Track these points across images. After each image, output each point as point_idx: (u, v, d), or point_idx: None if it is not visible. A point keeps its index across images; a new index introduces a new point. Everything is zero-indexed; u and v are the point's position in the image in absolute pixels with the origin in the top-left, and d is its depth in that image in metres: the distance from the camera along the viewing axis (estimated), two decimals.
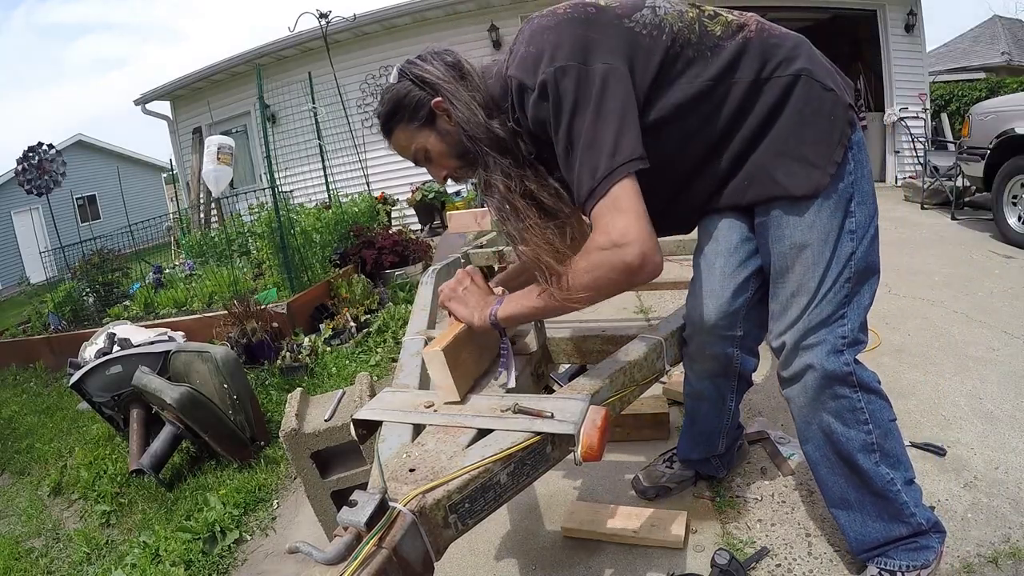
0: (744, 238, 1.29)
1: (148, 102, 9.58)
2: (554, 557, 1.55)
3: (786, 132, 1.15)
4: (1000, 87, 9.36)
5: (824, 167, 1.14)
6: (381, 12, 7.77)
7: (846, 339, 1.19)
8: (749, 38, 1.16)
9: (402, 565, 0.81)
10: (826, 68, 1.18)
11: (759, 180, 1.19)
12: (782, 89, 1.14)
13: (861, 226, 1.18)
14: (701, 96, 1.15)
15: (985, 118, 4.43)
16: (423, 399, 1.18)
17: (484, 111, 1.14)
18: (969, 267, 3.65)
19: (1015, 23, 15.43)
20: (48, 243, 9.20)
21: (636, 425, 2.04)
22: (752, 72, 1.15)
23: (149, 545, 1.97)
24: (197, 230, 7.45)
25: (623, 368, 1.23)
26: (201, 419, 2.35)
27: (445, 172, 1.25)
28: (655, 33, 1.14)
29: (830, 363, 1.18)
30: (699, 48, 1.15)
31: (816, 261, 1.18)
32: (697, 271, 1.36)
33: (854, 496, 1.25)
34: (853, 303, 1.19)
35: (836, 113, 1.14)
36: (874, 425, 1.21)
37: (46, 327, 5.22)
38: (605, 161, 1.01)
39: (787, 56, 1.16)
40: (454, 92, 1.14)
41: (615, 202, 1.01)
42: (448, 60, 1.18)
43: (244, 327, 3.62)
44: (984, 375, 2.19)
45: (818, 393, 1.21)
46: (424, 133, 1.19)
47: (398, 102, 1.17)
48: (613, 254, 1.00)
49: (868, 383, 1.21)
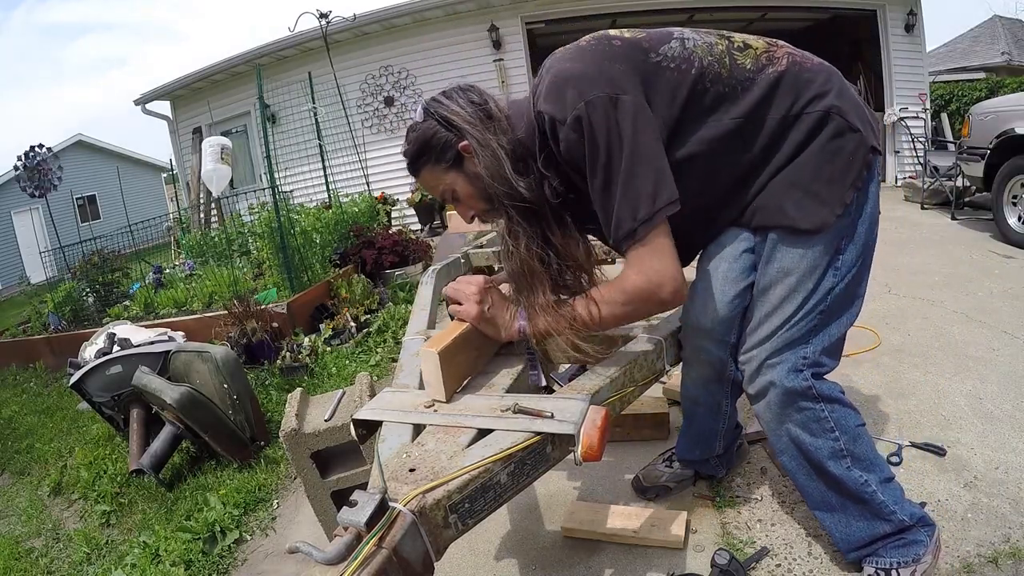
0: (748, 248, 1.29)
1: (148, 102, 9.58)
2: (554, 557, 1.55)
3: (804, 166, 1.16)
4: (1000, 87, 9.36)
5: (832, 206, 1.15)
6: (381, 12, 7.76)
7: (807, 360, 1.22)
8: (781, 72, 1.16)
9: (402, 565, 0.81)
10: (855, 104, 1.18)
11: (768, 207, 1.20)
12: (811, 125, 1.15)
13: (846, 265, 1.20)
14: (731, 133, 1.16)
15: (985, 118, 4.43)
16: (423, 399, 1.18)
17: (511, 161, 1.14)
18: (969, 267, 3.65)
19: (1015, 23, 15.43)
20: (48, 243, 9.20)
21: (636, 425, 2.04)
22: (783, 109, 1.15)
23: (149, 545, 1.98)
24: (197, 230, 7.44)
25: (623, 368, 1.23)
26: (201, 419, 2.35)
27: (473, 213, 1.26)
28: (684, 67, 1.14)
29: (789, 380, 1.22)
30: (729, 83, 1.15)
31: (796, 289, 1.20)
32: (700, 274, 1.36)
33: (835, 499, 1.27)
34: (821, 333, 1.22)
35: (857, 155, 1.15)
36: (840, 432, 1.23)
37: (46, 327, 5.22)
38: (645, 206, 1.06)
39: (819, 92, 1.15)
40: (480, 137, 1.13)
41: (653, 245, 1.08)
42: (474, 99, 1.17)
43: (244, 327, 3.62)
44: (984, 375, 2.19)
45: (782, 407, 1.24)
46: (451, 175, 1.19)
47: (425, 143, 1.18)
48: (650, 294, 1.10)
49: (829, 394, 1.24)
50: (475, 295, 1.20)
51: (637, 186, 1.06)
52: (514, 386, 1.22)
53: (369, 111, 8.24)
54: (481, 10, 7.81)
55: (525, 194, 1.14)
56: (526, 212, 1.17)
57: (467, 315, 1.20)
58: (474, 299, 1.20)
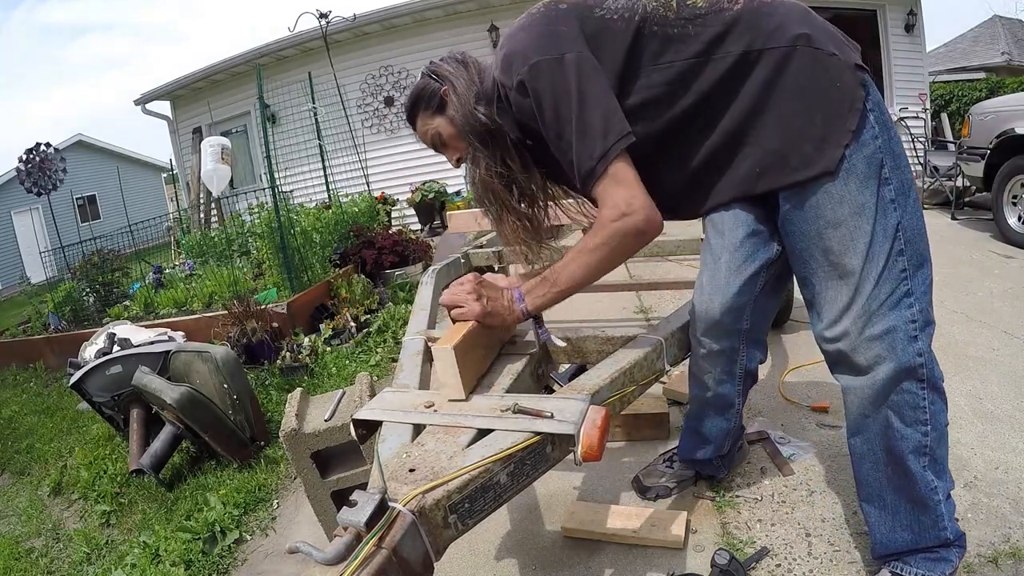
0: (751, 232, 1.27)
1: (148, 102, 9.58)
2: (554, 557, 1.55)
3: (791, 110, 1.10)
4: (1000, 87, 9.36)
5: (836, 139, 1.07)
6: (381, 12, 7.77)
7: (916, 322, 1.10)
8: (738, 8, 1.13)
9: (402, 565, 0.81)
10: (825, 29, 1.13)
11: (771, 167, 1.14)
12: (776, 62, 1.10)
13: (901, 193, 1.09)
14: (686, 74, 1.14)
15: (985, 118, 4.43)
16: (423, 399, 1.18)
17: (475, 97, 1.24)
18: (969, 267, 3.65)
19: (1015, 23, 15.43)
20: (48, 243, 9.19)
21: (636, 425, 2.04)
22: (741, 45, 1.11)
23: (149, 545, 1.97)
24: (197, 230, 7.45)
25: (623, 368, 1.23)
26: (201, 419, 2.35)
27: (457, 155, 1.34)
28: (627, 15, 1.16)
29: (904, 354, 1.09)
30: (677, 24, 1.14)
31: (854, 237, 1.09)
32: (704, 266, 1.35)
33: (891, 498, 1.20)
34: (917, 277, 1.10)
35: (843, 78, 1.08)
36: (932, 427, 1.15)
37: (46, 327, 5.22)
38: (599, 144, 1.09)
39: (780, 24, 1.11)
40: (455, 81, 1.26)
41: (615, 178, 1.10)
42: (458, 57, 1.32)
43: (244, 327, 3.62)
44: (984, 375, 2.19)
45: (886, 386, 1.12)
46: (436, 119, 1.30)
47: (418, 94, 1.32)
48: (623, 223, 1.10)
49: (936, 381, 1.15)
50: (471, 294, 1.23)
51: (589, 130, 1.10)
52: (514, 386, 1.22)
53: (369, 111, 8.25)
54: (481, 10, 7.81)
55: (483, 118, 1.23)
56: (484, 137, 1.25)
57: (470, 314, 1.22)
58: (471, 298, 1.23)
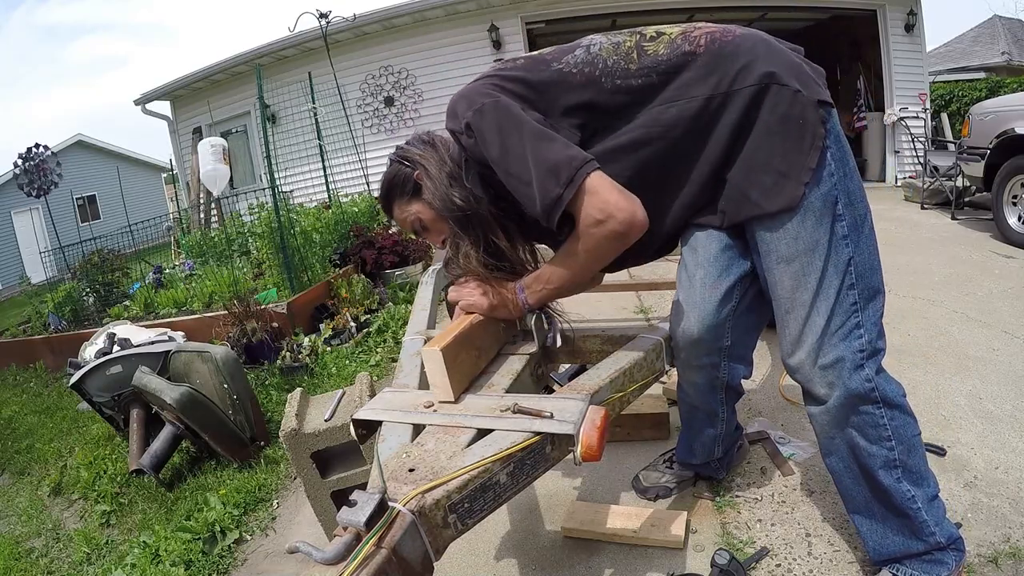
0: (724, 246, 1.27)
1: (148, 102, 9.58)
2: (554, 557, 1.55)
3: (754, 146, 1.12)
4: (1000, 87, 9.35)
5: (797, 176, 1.09)
6: (381, 12, 7.77)
7: (864, 352, 1.15)
8: (697, 52, 1.13)
9: (402, 565, 0.81)
10: (789, 63, 1.12)
11: (733, 201, 1.18)
12: (744, 104, 1.10)
13: (854, 228, 1.13)
14: (651, 121, 1.15)
15: (985, 118, 4.43)
16: (423, 399, 1.18)
17: (447, 177, 1.23)
18: (969, 267, 3.65)
19: (1015, 23, 15.42)
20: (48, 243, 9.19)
21: (636, 425, 2.04)
22: (707, 88, 1.12)
23: (149, 545, 1.97)
24: (197, 230, 7.44)
25: (623, 368, 1.23)
26: (201, 419, 2.35)
27: (442, 236, 1.33)
28: (587, 70, 1.16)
29: (852, 382, 1.14)
30: (640, 74, 1.14)
31: (806, 272, 1.14)
32: (679, 284, 1.35)
33: (877, 509, 1.23)
34: (868, 309, 1.15)
35: (805, 115, 1.08)
36: (897, 441, 1.17)
37: (46, 327, 5.21)
38: (566, 169, 1.07)
39: (745, 63, 1.11)
40: (425, 163, 1.26)
41: (588, 190, 1.07)
42: (423, 138, 1.33)
43: (244, 327, 3.62)
44: (984, 375, 2.19)
45: (840, 412, 1.18)
46: (415, 204, 1.30)
47: (390, 182, 1.32)
48: (601, 228, 1.09)
49: (892, 399, 1.17)
50: (476, 288, 1.28)
51: (549, 157, 1.07)
52: (514, 386, 1.22)
53: (369, 111, 8.25)
54: (481, 10, 7.81)
55: (459, 202, 1.22)
56: (463, 221, 1.24)
57: (478, 307, 1.27)
58: (478, 292, 1.27)
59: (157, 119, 9.87)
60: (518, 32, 7.90)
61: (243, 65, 8.53)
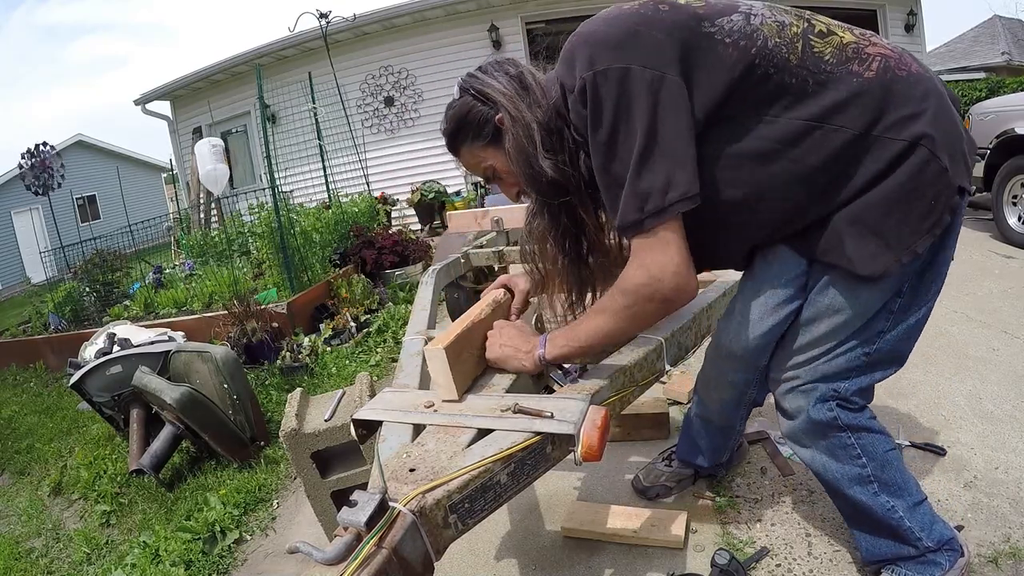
0: (798, 273, 1.16)
1: (148, 102, 9.59)
2: (554, 557, 1.55)
3: (875, 203, 0.99)
4: (1000, 87, 9.35)
5: (899, 253, 0.99)
6: (381, 12, 7.77)
7: (837, 393, 1.15)
8: (869, 77, 0.97)
9: (402, 565, 0.81)
10: (952, 130, 0.99)
11: (826, 242, 1.05)
12: (893, 156, 0.96)
13: (903, 309, 1.09)
14: (789, 137, 0.99)
15: (985, 118, 4.42)
16: (423, 399, 1.18)
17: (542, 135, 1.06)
18: (969, 267, 3.65)
19: (1015, 23, 15.43)
20: (48, 243, 9.19)
21: (636, 425, 2.04)
22: (862, 124, 0.96)
23: (149, 545, 1.97)
24: (197, 230, 7.45)
25: (623, 368, 1.23)
26: (201, 419, 2.35)
27: (516, 190, 1.20)
28: (743, 44, 0.97)
29: (815, 411, 1.16)
30: (798, 74, 0.98)
31: (843, 328, 1.10)
32: (740, 295, 1.26)
33: (863, 518, 1.24)
34: (863, 376, 1.14)
35: (940, 198, 0.96)
36: (868, 459, 1.17)
37: (46, 327, 5.22)
38: (656, 198, 0.95)
39: (911, 113, 0.96)
40: (513, 110, 1.07)
41: (658, 241, 0.98)
42: (510, 71, 1.11)
43: (244, 327, 3.62)
44: (984, 375, 2.19)
45: (806, 434, 1.20)
46: (491, 151, 1.13)
47: (461, 119, 1.13)
48: (651, 290, 1.01)
49: (855, 423, 1.17)
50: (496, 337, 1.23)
51: (649, 174, 0.94)
52: (514, 386, 1.22)
53: (369, 111, 8.25)
54: (481, 10, 7.81)
55: (549, 173, 1.06)
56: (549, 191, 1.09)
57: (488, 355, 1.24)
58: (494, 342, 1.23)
59: (157, 119, 9.90)
60: (518, 32, 7.90)
61: (243, 65, 8.53)
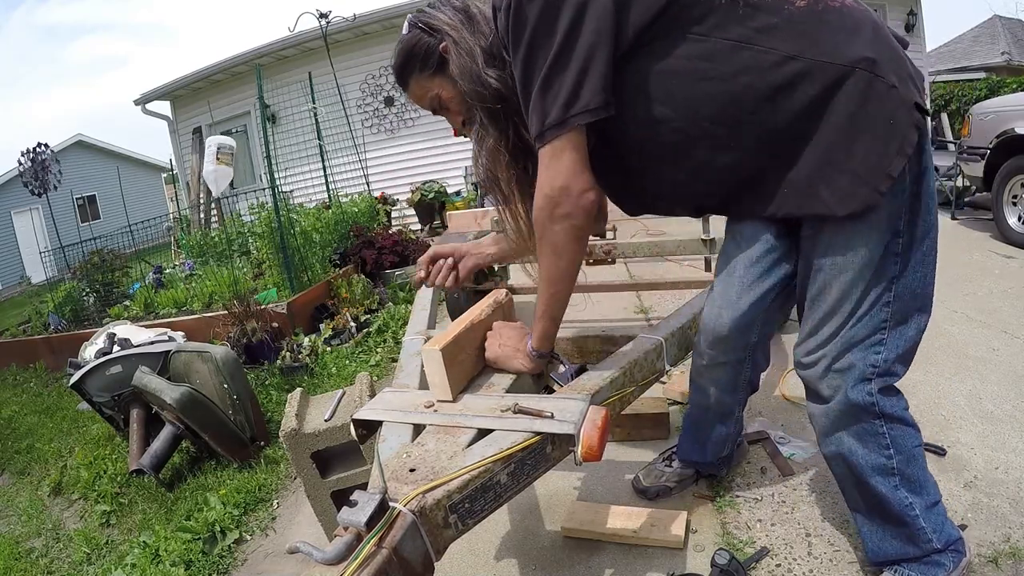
0: (769, 247, 1.19)
1: (148, 102, 9.59)
2: (554, 557, 1.55)
3: (833, 137, 0.98)
4: (1000, 87, 9.36)
5: (876, 183, 0.97)
6: (381, 12, 7.77)
7: (876, 368, 1.10)
8: (800, 6, 0.98)
9: (402, 565, 0.81)
10: (893, 54, 0.99)
11: (798, 191, 1.03)
12: (827, 82, 0.96)
13: (908, 248, 1.05)
14: (720, 56, 0.98)
15: (985, 118, 4.42)
16: (423, 399, 1.18)
17: (484, 56, 1.08)
18: (969, 267, 3.65)
19: (1015, 23, 15.44)
20: (48, 243, 9.20)
21: (636, 425, 2.04)
22: (793, 48, 0.96)
23: (149, 545, 1.97)
24: (197, 230, 7.45)
25: (623, 368, 1.23)
26: (201, 419, 2.35)
27: (461, 118, 1.21)
28: None
29: (854, 392, 1.11)
30: None
31: (855, 285, 1.07)
32: (718, 274, 1.30)
33: (876, 512, 1.22)
34: (895, 330, 1.09)
35: (897, 116, 0.95)
36: (895, 451, 1.14)
37: (46, 327, 5.22)
38: (558, 110, 0.96)
39: (844, 39, 0.96)
40: (457, 36, 1.10)
41: (556, 153, 0.99)
42: (456, 5, 1.14)
43: (244, 327, 3.62)
44: (984, 375, 2.19)
45: (840, 417, 1.16)
46: (436, 80, 1.16)
47: (408, 51, 1.16)
48: (546, 213, 1.03)
49: (891, 412, 1.14)
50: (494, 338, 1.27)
51: (556, 88, 0.96)
52: (514, 386, 1.22)
53: (369, 111, 8.25)
54: None
55: (494, 84, 1.07)
56: (494, 112, 1.10)
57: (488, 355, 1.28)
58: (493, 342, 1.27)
59: (157, 119, 9.90)
60: None
61: (243, 65, 8.54)
